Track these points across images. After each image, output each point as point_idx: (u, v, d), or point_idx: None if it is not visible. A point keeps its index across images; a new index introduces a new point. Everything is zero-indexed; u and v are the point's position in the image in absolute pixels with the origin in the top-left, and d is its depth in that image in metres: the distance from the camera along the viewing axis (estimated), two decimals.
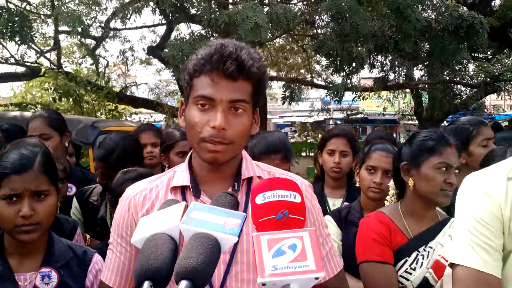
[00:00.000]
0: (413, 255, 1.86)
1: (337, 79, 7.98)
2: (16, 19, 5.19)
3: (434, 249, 1.85)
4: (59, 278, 1.57)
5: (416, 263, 1.84)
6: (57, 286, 1.56)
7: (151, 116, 13.45)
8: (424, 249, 1.86)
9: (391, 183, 2.14)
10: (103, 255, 2.03)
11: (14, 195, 1.50)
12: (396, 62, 7.30)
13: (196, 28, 8.28)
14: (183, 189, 1.31)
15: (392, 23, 6.82)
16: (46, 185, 1.55)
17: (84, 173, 3.20)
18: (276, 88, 16.60)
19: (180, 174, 1.33)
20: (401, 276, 1.85)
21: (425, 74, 9.64)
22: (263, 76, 1.26)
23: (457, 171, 1.90)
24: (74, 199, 2.72)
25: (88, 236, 2.42)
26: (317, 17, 7.43)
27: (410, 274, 1.84)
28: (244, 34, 4.94)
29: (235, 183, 1.30)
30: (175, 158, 2.89)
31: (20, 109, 7.89)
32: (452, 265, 1.39)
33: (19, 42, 5.92)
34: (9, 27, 5.14)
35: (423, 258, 1.84)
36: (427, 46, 7.54)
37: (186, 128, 1.27)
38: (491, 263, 1.33)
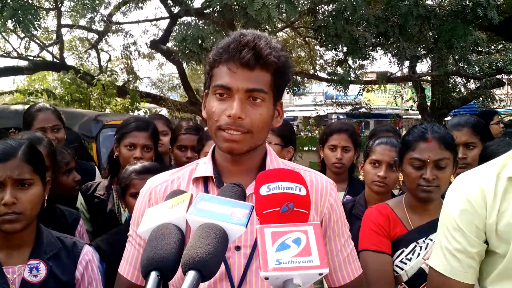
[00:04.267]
0: (411, 246, 1.87)
1: (341, 71, 7.90)
2: (21, 6, 5.14)
3: (434, 242, 1.85)
4: (47, 269, 1.55)
5: (413, 254, 1.86)
6: (46, 277, 1.54)
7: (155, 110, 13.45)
8: (423, 241, 1.87)
9: None
10: (108, 246, 2.05)
11: None
12: (401, 48, 7.06)
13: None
14: (205, 180, 1.30)
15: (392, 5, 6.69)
16: (29, 174, 1.53)
17: (80, 164, 3.13)
18: None
19: (202, 166, 1.32)
20: (396, 265, 1.88)
21: (430, 66, 9.48)
22: (284, 65, 1.24)
23: (444, 166, 1.85)
24: (80, 194, 2.66)
25: None
26: (319, 10, 7.39)
27: (405, 264, 1.86)
28: (254, 14, 4.93)
29: None
30: (176, 151, 2.91)
31: (27, 96, 7.99)
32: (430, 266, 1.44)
33: (22, 31, 5.82)
34: (14, 16, 5.09)
35: (420, 250, 1.86)
36: (434, 31, 7.35)
37: (207, 118, 1.27)
38: (458, 270, 1.36)
